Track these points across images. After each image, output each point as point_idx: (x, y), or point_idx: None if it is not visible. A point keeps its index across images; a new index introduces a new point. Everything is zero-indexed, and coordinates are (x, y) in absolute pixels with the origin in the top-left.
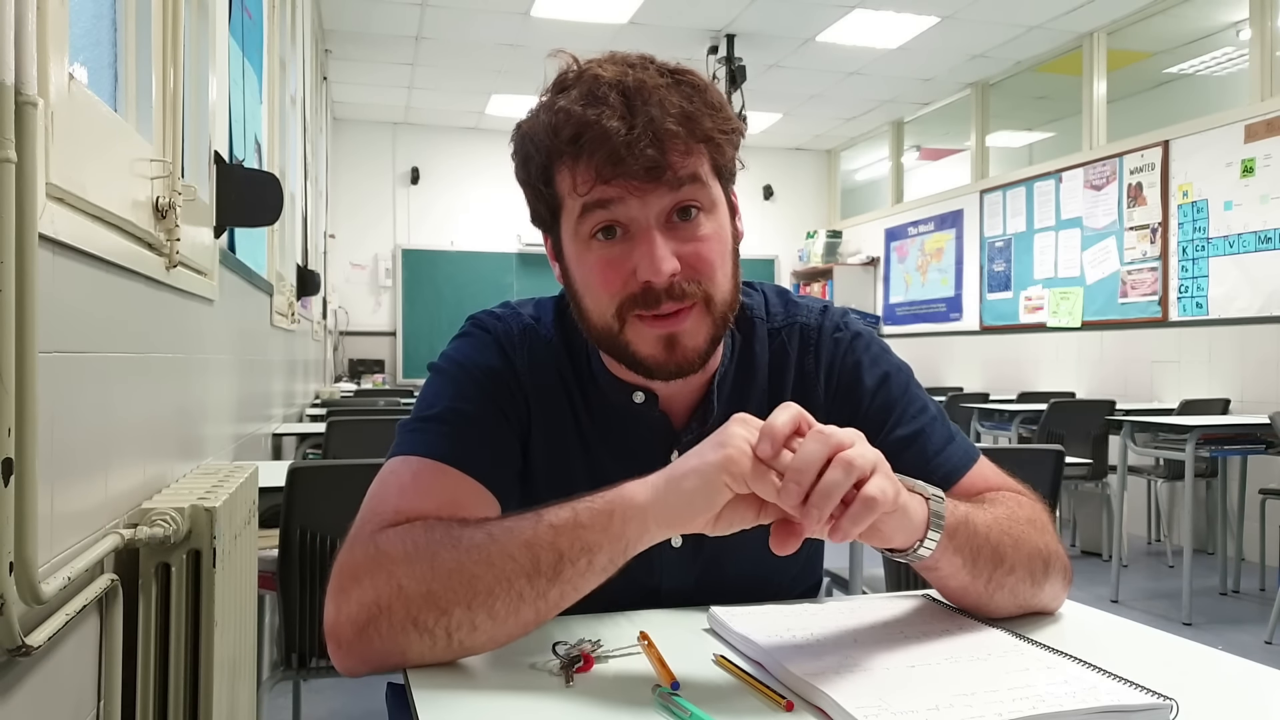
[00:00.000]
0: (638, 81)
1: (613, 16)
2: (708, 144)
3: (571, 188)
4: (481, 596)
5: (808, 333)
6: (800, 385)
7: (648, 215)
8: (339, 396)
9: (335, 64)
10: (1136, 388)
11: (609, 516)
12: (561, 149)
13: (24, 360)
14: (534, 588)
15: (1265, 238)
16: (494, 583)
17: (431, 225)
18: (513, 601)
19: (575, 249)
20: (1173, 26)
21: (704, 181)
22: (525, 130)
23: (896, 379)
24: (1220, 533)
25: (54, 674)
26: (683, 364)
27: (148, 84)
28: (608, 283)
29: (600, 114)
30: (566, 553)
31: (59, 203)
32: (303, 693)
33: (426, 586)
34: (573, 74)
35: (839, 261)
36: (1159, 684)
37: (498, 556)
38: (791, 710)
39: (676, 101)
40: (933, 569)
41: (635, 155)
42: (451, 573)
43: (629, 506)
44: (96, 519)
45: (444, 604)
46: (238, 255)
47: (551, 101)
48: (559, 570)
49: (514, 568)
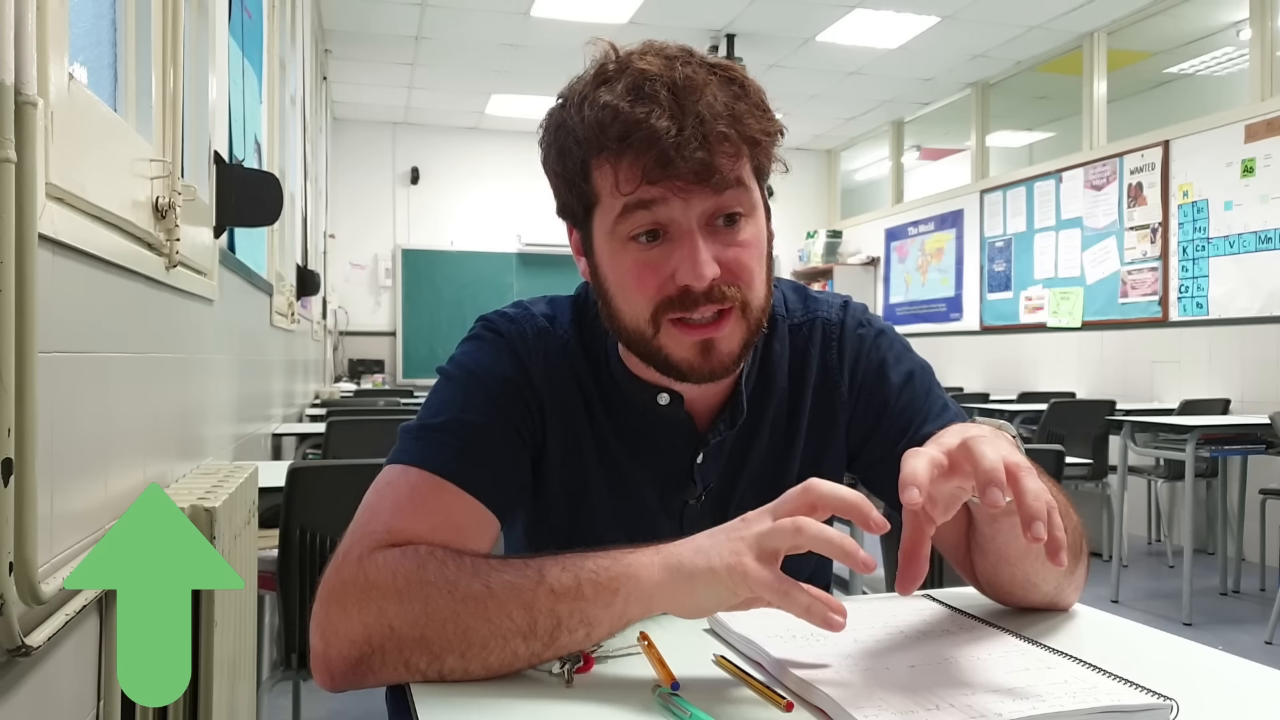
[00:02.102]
0: (686, 78)
1: (613, 16)
2: (752, 146)
3: (613, 186)
4: (476, 649)
5: (829, 328)
6: (823, 381)
7: (690, 218)
8: (339, 396)
9: (335, 64)
10: (1136, 388)
11: (613, 594)
12: (606, 145)
13: (24, 360)
14: (529, 648)
15: (1265, 238)
16: (489, 637)
17: (431, 225)
18: (507, 657)
19: (610, 247)
20: (1173, 26)
21: (747, 185)
22: (562, 121)
23: (921, 378)
24: (1220, 533)
25: (54, 674)
26: (717, 369)
27: (148, 84)
28: (644, 285)
29: (650, 112)
30: (565, 621)
31: (59, 203)
32: (303, 693)
33: (420, 632)
34: (613, 65)
35: (839, 261)
36: (1159, 684)
37: (495, 613)
38: (791, 710)
39: (725, 100)
40: (1010, 514)
41: (685, 157)
42: (446, 621)
43: (635, 588)
44: (96, 519)
45: (437, 650)
46: (237, 255)
47: (594, 95)
48: (555, 636)
49: (510, 627)
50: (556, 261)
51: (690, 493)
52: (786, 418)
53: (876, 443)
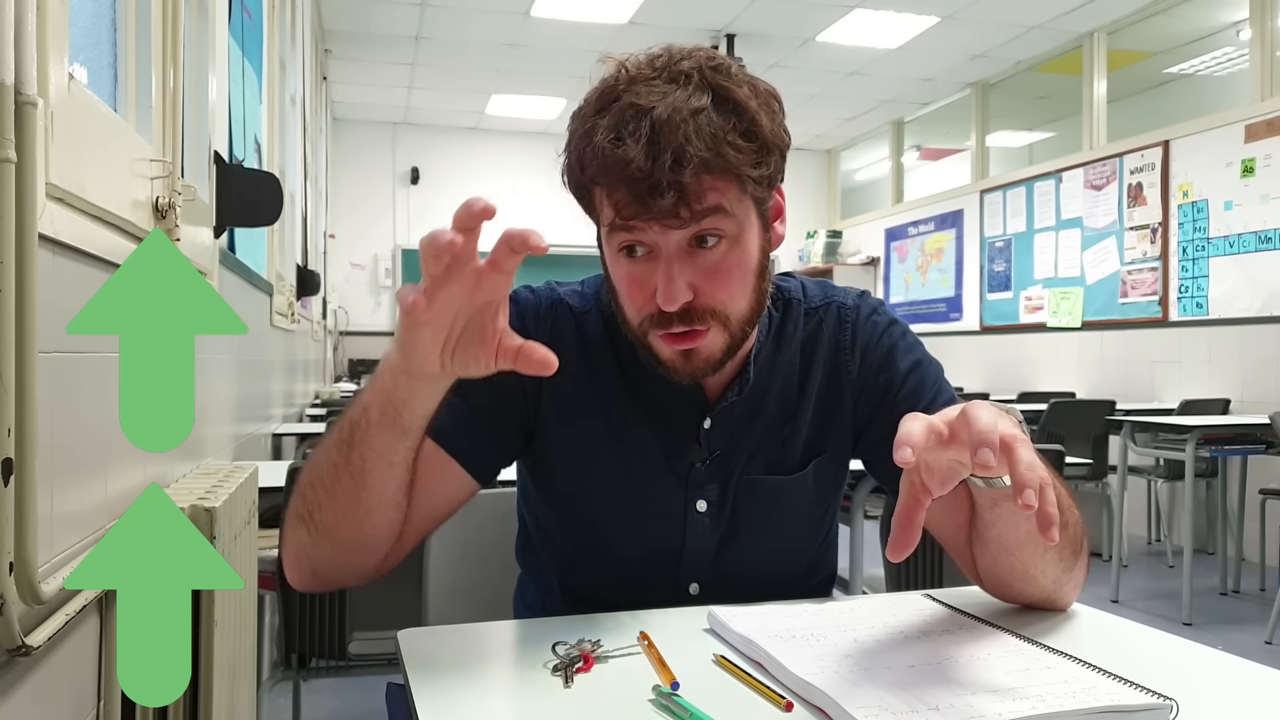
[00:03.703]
0: (670, 110)
1: (613, 16)
2: (735, 178)
3: (603, 208)
4: (322, 471)
5: (844, 312)
6: (833, 359)
7: (668, 243)
8: (339, 396)
9: (335, 64)
10: (1136, 388)
11: (376, 376)
12: (592, 178)
13: (24, 360)
14: (342, 454)
15: (1265, 238)
16: (323, 459)
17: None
18: (334, 471)
19: (610, 255)
20: (1173, 26)
21: (728, 211)
22: (569, 139)
23: (929, 368)
24: (1220, 533)
25: (54, 674)
26: (697, 372)
27: (148, 84)
28: (633, 298)
29: (625, 151)
30: (353, 415)
31: (59, 203)
32: (303, 693)
33: (301, 481)
34: (612, 94)
35: (839, 261)
36: (1159, 684)
37: (328, 439)
38: (791, 710)
39: (707, 137)
40: (1008, 499)
41: (656, 197)
42: (310, 466)
43: (384, 361)
44: (96, 519)
45: (303, 488)
46: (237, 255)
47: (591, 125)
48: (353, 433)
49: (331, 441)
50: (557, 261)
51: (696, 455)
52: (797, 391)
53: (879, 423)
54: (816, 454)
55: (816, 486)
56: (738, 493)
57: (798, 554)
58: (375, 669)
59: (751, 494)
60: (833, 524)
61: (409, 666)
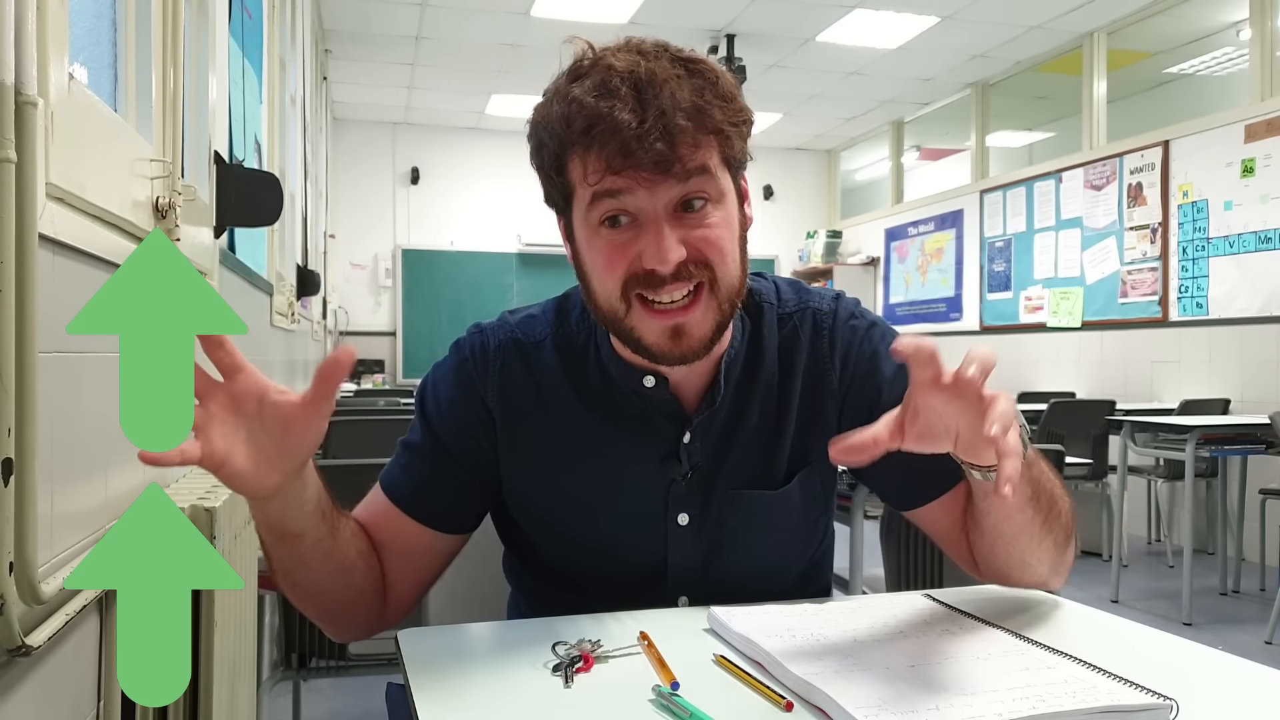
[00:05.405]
0: (649, 73)
1: (613, 17)
2: (717, 136)
3: (583, 176)
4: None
5: (820, 318)
6: (813, 368)
7: (656, 206)
8: (339, 396)
9: (335, 64)
10: (1136, 388)
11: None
12: (574, 139)
13: (24, 360)
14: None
15: (1265, 238)
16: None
17: (431, 225)
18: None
19: (585, 234)
20: (1173, 26)
21: (712, 173)
22: (539, 118)
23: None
24: (1220, 533)
25: (54, 674)
26: (688, 353)
27: (148, 84)
28: (613, 265)
29: (612, 106)
30: (260, 535)
31: (59, 203)
32: (303, 693)
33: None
34: (587, 62)
35: (839, 261)
36: (1159, 684)
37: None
38: (791, 710)
39: (688, 94)
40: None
41: (645, 148)
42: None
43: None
44: (96, 519)
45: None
46: (238, 255)
47: (565, 90)
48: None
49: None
50: (557, 261)
51: (677, 471)
52: (776, 400)
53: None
54: (801, 466)
55: (803, 499)
56: (722, 507)
57: (788, 566)
58: (375, 669)
59: (737, 509)
60: (825, 534)
61: (409, 666)
